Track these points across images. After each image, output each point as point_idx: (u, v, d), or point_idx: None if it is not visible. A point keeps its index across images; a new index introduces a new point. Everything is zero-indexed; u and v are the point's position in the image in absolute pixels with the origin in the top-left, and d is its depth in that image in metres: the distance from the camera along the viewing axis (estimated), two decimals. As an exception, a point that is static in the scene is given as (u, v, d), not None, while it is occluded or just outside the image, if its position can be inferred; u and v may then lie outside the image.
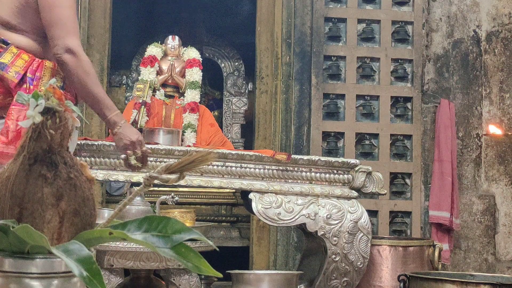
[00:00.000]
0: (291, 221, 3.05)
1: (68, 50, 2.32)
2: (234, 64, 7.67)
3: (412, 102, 4.56)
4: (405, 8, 4.65)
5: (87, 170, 1.16)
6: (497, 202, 4.66)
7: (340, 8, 4.63)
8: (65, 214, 1.09)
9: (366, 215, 3.12)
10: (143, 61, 5.67)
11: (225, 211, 5.95)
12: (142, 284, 3.09)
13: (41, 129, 1.09)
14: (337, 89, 4.55)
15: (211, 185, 3.01)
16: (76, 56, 2.33)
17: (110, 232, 1.06)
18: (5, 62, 2.28)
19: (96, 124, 4.63)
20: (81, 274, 0.97)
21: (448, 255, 4.44)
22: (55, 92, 1.08)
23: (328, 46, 4.58)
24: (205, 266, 1.05)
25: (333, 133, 4.51)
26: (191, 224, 3.13)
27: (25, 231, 1.01)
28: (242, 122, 7.49)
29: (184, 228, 1.07)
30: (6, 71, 2.27)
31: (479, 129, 4.69)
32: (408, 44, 4.63)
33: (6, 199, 1.08)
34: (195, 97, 5.58)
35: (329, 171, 3.11)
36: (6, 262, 1.03)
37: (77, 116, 1.19)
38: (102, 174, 2.90)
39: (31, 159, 1.09)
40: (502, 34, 4.77)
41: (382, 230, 4.42)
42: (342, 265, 3.07)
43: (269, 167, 3.05)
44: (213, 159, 1.19)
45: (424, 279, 2.91)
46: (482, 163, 4.68)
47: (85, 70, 2.37)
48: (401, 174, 4.53)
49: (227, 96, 7.56)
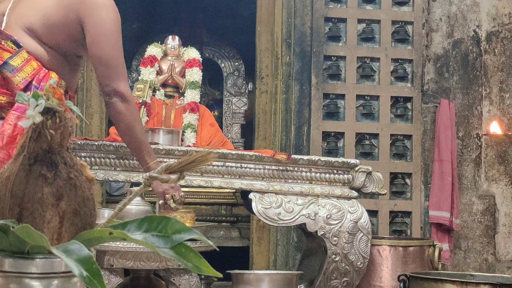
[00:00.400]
0: (291, 221, 3.04)
1: (119, 94, 2.35)
2: (234, 64, 7.68)
3: (412, 102, 4.56)
4: (405, 8, 4.65)
5: (87, 170, 1.16)
6: (497, 202, 4.66)
7: (340, 8, 4.63)
8: (65, 214, 1.09)
9: (366, 215, 3.12)
10: (143, 61, 5.68)
11: (225, 211, 5.95)
12: (142, 284, 3.09)
13: (41, 129, 1.09)
14: (337, 89, 4.55)
15: (211, 185, 3.01)
16: (126, 101, 2.37)
17: (110, 232, 1.06)
18: (14, 65, 2.28)
19: (96, 124, 4.63)
20: (81, 274, 0.97)
21: (448, 255, 4.44)
22: (55, 92, 1.08)
23: (328, 46, 4.58)
24: (205, 266, 1.05)
25: (333, 133, 4.51)
26: (191, 224, 3.12)
27: (25, 231, 1.01)
28: (242, 122, 7.49)
29: (184, 228, 1.07)
30: (14, 74, 2.27)
31: (479, 129, 4.69)
32: (408, 44, 4.63)
33: (6, 199, 1.08)
34: (195, 97, 5.59)
35: (329, 171, 3.11)
36: (6, 262, 1.03)
37: (77, 116, 1.19)
38: (102, 174, 2.90)
39: (31, 159, 1.09)
40: (502, 34, 4.77)
41: (382, 230, 4.42)
42: (342, 265, 3.07)
43: (269, 167, 3.05)
44: (213, 159, 1.19)
45: (424, 279, 2.91)
46: (482, 163, 4.68)
47: (133, 115, 2.42)
48: (401, 174, 4.53)
49: (227, 96, 7.56)
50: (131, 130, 2.43)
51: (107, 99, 2.37)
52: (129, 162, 2.90)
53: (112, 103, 2.36)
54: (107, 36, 2.33)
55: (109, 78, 2.34)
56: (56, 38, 2.36)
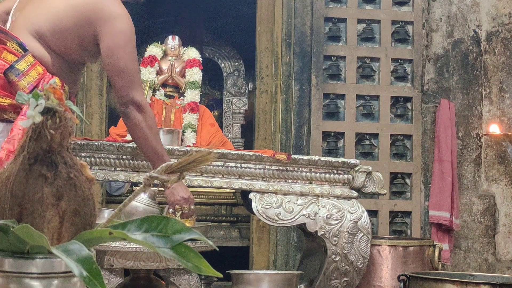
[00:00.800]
0: (291, 221, 3.04)
1: (135, 103, 2.37)
2: (234, 64, 7.67)
3: (412, 102, 4.56)
4: (405, 8, 4.65)
5: (87, 170, 1.16)
6: (497, 202, 4.66)
7: (340, 8, 4.63)
8: (65, 214, 1.09)
9: (366, 215, 3.12)
10: (143, 61, 5.68)
11: (225, 211, 5.95)
12: (142, 284, 3.09)
13: (41, 129, 1.09)
14: (337, 89, 4.55)
15: (211, 185, 3.01)
16: (142, 111, 2.40)
17: (110, 232, 1.06)
18: (20, 69, 2.28)
19: (96, 124, 4.63)
20: (81, 274, 0.97)
21: (448, 255, 4.44)
22: (55, 92, 1.08)
23: (328, 46, 4.58)
24: (205, 266, 1.05)
25: (333, 133, 4.51)
26: (191, 224, 3.12)
27: (25, 231, 1.01)
28: (242, 122, 7.49)
29: (184, 228, 1.07)
30: (20, 78, 2.27)
31: (479, 129, 4.69)
32: (408, 44, 4.63)
33: (6, 199, 1.08)
34: (195, 97, 5.59)
35: (329, 171, 3.11)
36: (6, 262, 1.03)
37: (77, 116, 1.19)
38: (102, 174, 2.90)
39: (31, 159, 1.09)
40: (502, 34, 4.77)
41: (382, 230, 4.42)
42: (342, 265, 3.07)
43: (269, 167, 3.05)
44: (213, 159, 1.19)
45: (424, 279, 2.91)
46: (482, 163, 4.68)
47: (150, 125, 2.43)
48: (401, 174, 4.53)
49: (227, 96, 7.56)
50: (148, 139, 2.46)
51: (123, 109, 2.39)
52: (129, 162, 2.90)
53: (128, 113, 2.39)
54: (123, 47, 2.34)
55: (126, 89, 2.36)
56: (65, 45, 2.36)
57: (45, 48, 2.34)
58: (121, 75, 2.36)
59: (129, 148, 2.90)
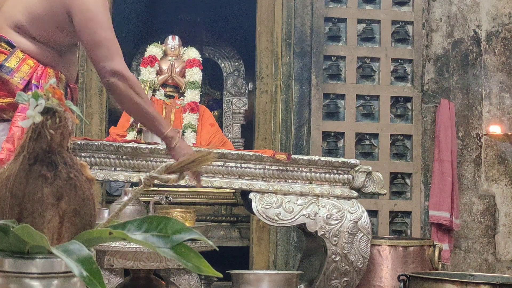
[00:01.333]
0: (291, 221, 3.05)
1: (116, 73, 2.30)
2: (234, 64, 7.67)
3: (412, 102, 4.56)
4: (405, 8, 4.65)
5: (87, 170, 1.16)
6: (497, 202, 4.66)
7: (340, 8, 4.63)
8: (65, 214, 1.09)
9: (366, 215, 3.12)
10: (143, 61, 5.68)
11: (225, 211, 5.95)
12: (142, 284, 3.09)
13: (41, 129, 1.09)
14: (337, 89, 4.55)
15: (211, 185, 3.01)
16: (124, 78, 2.32)
17: (110, 232, 1.06)
18: (10, 67, 2.27)
19: (96, 124, 4.63)
20: (81, 274, 0.97)
21: (448, 255, 4.44)
22: (55, 92, 1.08)
23: (328, 46, 4.58)
24: (205, 266, 1.05)
25: (333, 133, 4.51)
26: (191, 224, 3.12)
27: (25, 231, 1.01)
28: (242, 122, 7.48)
29: (184, 228, 1.07)
30: (11, 75, 2.27)
31: (479, 129, 4.69)
32: (408, 44, 4.63)
33: (6, 199, 1.08)
34: (195, 97, 5.59)
35: (329, 171, 3.11)
36: (6, 262, 1.03)
37: (77, 116, 1.19)
38: (102, 174, 2.90)
39: (31, 159, 1.09)
40: (502, 34, 4.77)
41: (382, 230, 4.42)
42: (342, 265, 3.07)
43: (269, 167, 3.05)
44: (213, 159, 1.19)
45: (424, 279, 2.91)
46: (482, 163, 4.68)
47: (136, 91, 2.35)
48: (401, 174, 4.53)
49: (227, 96, 7.56)
50: (137, 105, 2.37)
51: (106, 81, 2.32)
52: (129, 162, 2.90)
53: (111, 84, 2.31)
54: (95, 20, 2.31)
55: (104, 60, 2.30)
56: (44, 31, 2.34)
57: (29, 40, 2.33)
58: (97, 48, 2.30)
59: (129, 148, 2.91)
